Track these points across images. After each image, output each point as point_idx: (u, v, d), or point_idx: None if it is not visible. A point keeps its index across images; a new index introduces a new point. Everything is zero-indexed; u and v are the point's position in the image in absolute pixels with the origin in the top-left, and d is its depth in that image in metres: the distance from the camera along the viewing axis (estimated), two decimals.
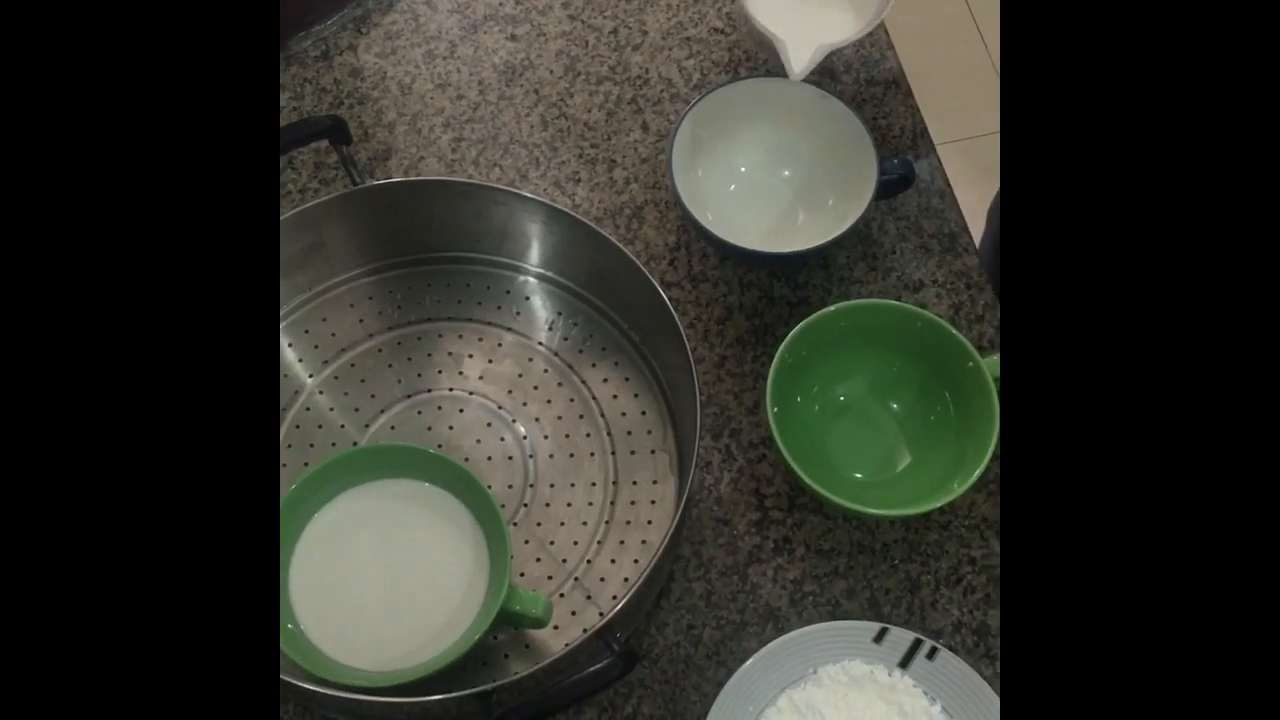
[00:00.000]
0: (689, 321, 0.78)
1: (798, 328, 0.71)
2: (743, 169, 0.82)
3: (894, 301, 0.73)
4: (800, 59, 0.77)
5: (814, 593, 0.70)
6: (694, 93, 0.85)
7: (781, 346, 0.70)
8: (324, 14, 0.87)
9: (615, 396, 0.75)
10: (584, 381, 0.76)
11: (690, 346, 0.67)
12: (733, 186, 0.81)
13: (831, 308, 0.72)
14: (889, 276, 0.80)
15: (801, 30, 0.78)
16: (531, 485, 0.73)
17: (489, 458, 0.73)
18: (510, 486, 0.72)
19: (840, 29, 0.80)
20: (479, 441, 0.74)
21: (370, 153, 0.83)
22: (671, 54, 0.88)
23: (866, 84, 0.87)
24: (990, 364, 0.69)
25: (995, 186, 1.03)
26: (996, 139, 1.00)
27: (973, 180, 1.27)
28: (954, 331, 0.71)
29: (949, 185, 0.83)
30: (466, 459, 0.73)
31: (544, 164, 0.84)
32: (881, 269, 0.80)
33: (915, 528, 0.72)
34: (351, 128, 0.83)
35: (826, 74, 0.87)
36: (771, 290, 0.80)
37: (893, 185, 0.78)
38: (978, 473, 0.67)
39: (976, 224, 0.93)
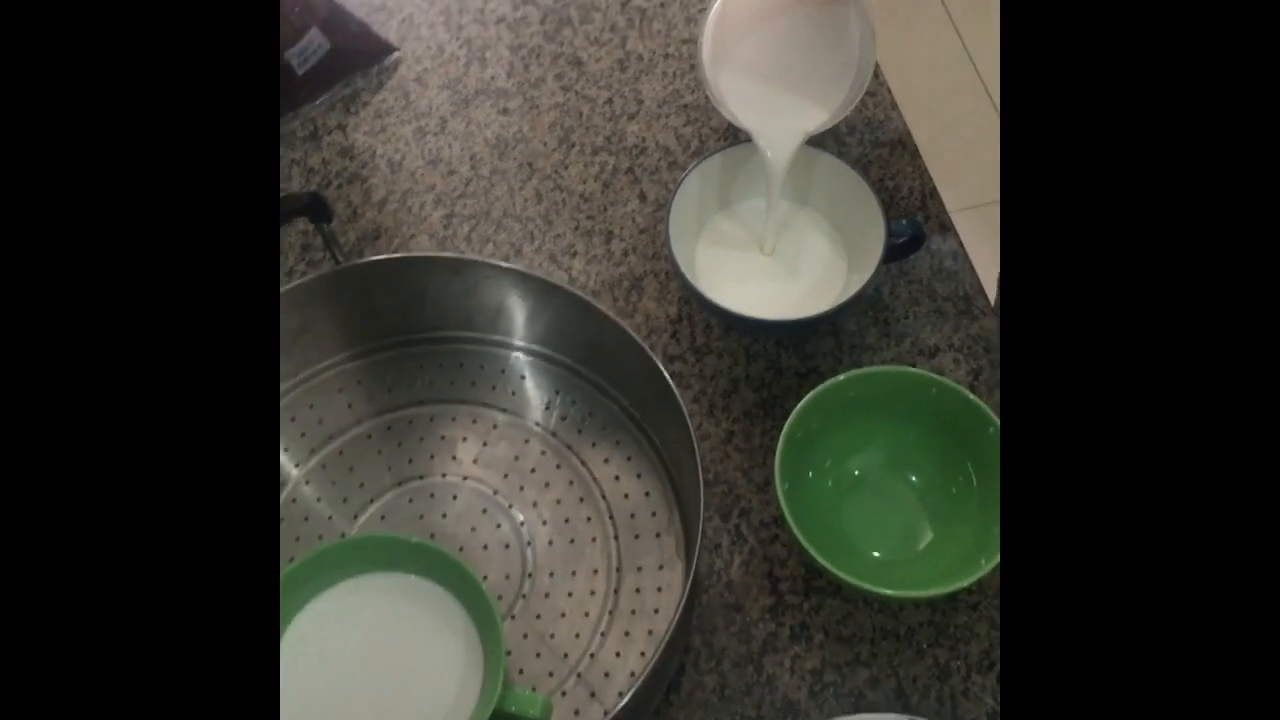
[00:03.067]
0: (693, 396, 0.75)
1: (805, 399, 0.67)
2: (744, 235, 0.78)
3: (907, 368, 0.69)
4: (778, 150, 0.73)
5: (835, 683, 0.65)
6: (692, 160, 0.83)
7: (789, 420, 0.66)
8: (313, 94, 0.85)
9: (617, 478, 0.71)
10: (584, 462, 0.72)
11: (695, 422, 0.63)
12: (735, 254, 0.78)
13: (841, 377, 0.68)
14: (902, 342, 0.76)
15: (774, 117, 0.75)
16: (530, 575, 0.68)
17: (484, 546, 0.69)
18: (507, 576, 0.68)
19: (814, 112, 0.75)
20: (474, 530, 0.69)
21: (359, 232, 0.81)
22: (668, 121, 0.85)
23: (872, 145, 0.84)
24: None
25: None
26: None
27: (987, 240, 1.23)
28: (972, 398, 0.67)
29: (962, 245, 0.80)
30: (461, 548, 0.69)
31: (539, 238, 0.81)
32: (894, 335, 0.76)
33: (942, 609, 0.67)
34: (340, 207, 0.81)
35: (829, 135, 0.84)
36: (779, 361, 0.76)
37: (902, 247, 0.75)
38: None
39: (993, 285, 0.89)
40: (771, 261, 0.77)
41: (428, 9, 0.91)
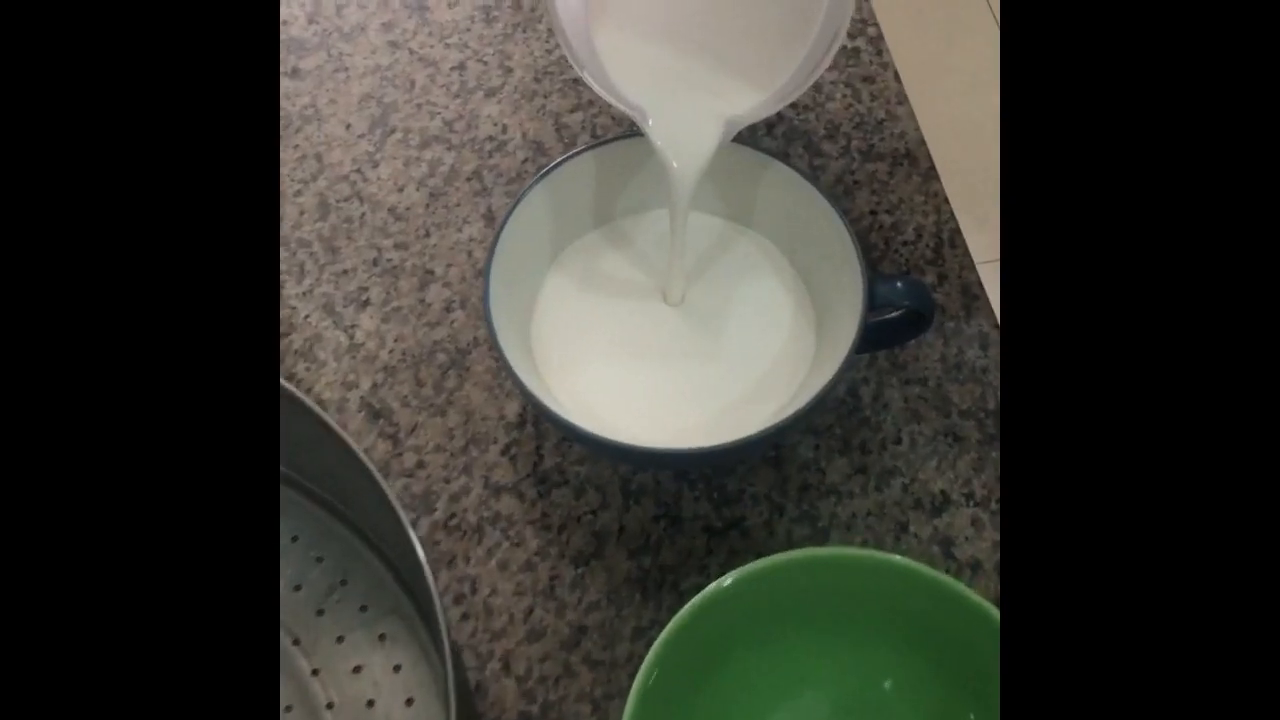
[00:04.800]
0: (524, 558, 0.44)
1: (687, 609, 0.36)
2: (635, 273, 0.48)
3: (882, 555, 0.38)
4: (684, 148, 0.43)
5: None
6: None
7: (647, 659, 0.35)
8: None
9: (370, 703, 0.40)
10: (315, 672, 0.41)
11: (522, 607, 0.32)
12: (615, 308, 0.47)
13: (760, 564, 0.37)
14: (888, 485, 0.45)
15: (682, 96, 0.44)
16: None
17: None
18: None
19: (744, 90, 0.44)
20: None
21: None
22: (546, 103, 0.54)
23: (862, 156, 0.53)
24: None
25: None
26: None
27: None
28: (993, 612, 0.36)
29: (997, 325, 0.49)
30: None
31: (313, 273, 0.50)
32: (876, 470, 0.46)
33: None
34: None
35: (792, 138, 0.53)
36: (679, 502, 0.45)
37: (895, 327, 0.44)
38: None
39: None
40: (679, 321, 0.46)
41: None
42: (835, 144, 0.53)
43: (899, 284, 0.43)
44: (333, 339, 0.48)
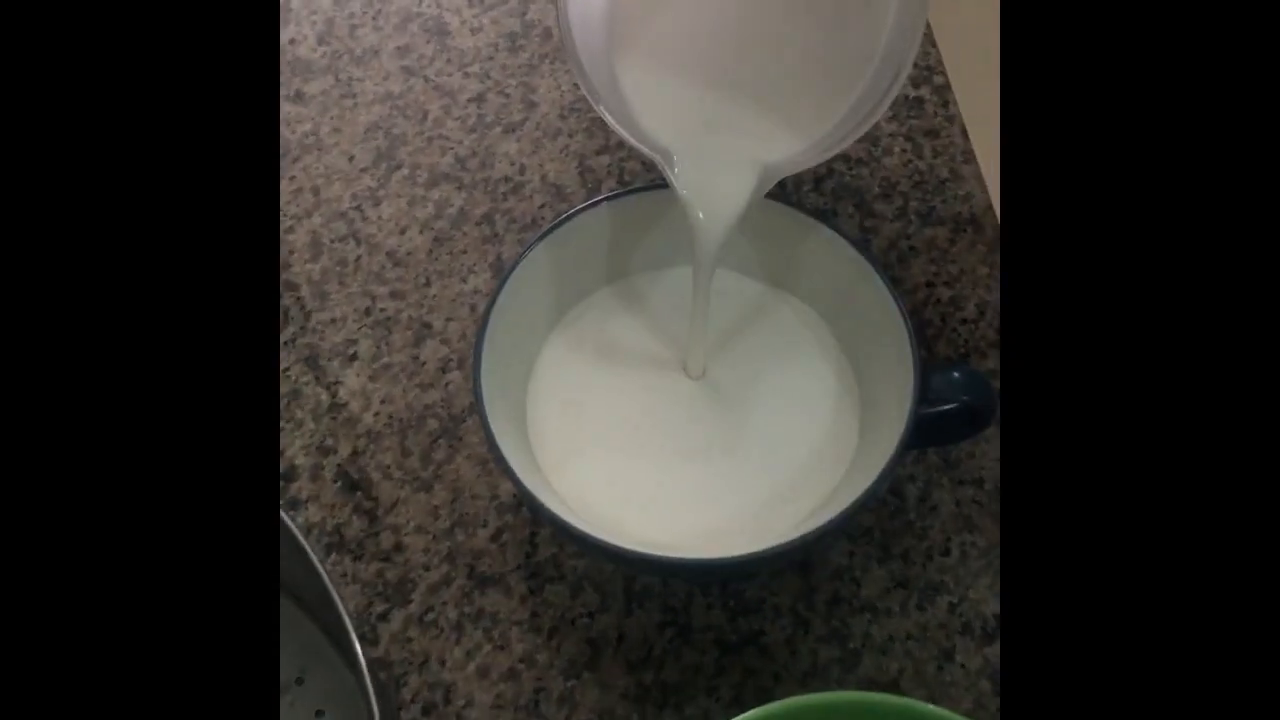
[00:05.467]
0: (508, 665, 0.38)
1: None
2: (651, 340, 0.42)
3: (921, 707, 0.32)
4: (713, 201, 0.37)
5: None
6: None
7: None
8: None
9: None
10: None
11: None
12: (626, 380, 0.41)
13: (792, 702, 0.31)
14: (933, 604, 0.39)
15: (711, 140, 0.38)
16: None
17: None
18: None
19: (784, 136, 0.38)
20: None
21: None
22: (570, 142, 0.49)
23: (920, 219, 0.47)
24: None
25: None
26: None
27: None
28: None
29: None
30: None
31: (298, 319, 0.45)
32: (919, 586, 0.39)
33: None
34: None
35: (841, 195, 0.47)
36: (689, 609, 0.39)
37: (949, 422, 0.38)
38: None
39: None
40: (698, 398, 0.41)
41: None
42: (890, 204, 0.47)
43: (955, 374, 0.37)
44: (312, 396, 0.43)
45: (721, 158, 0.37)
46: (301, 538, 0.32)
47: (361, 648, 0.32)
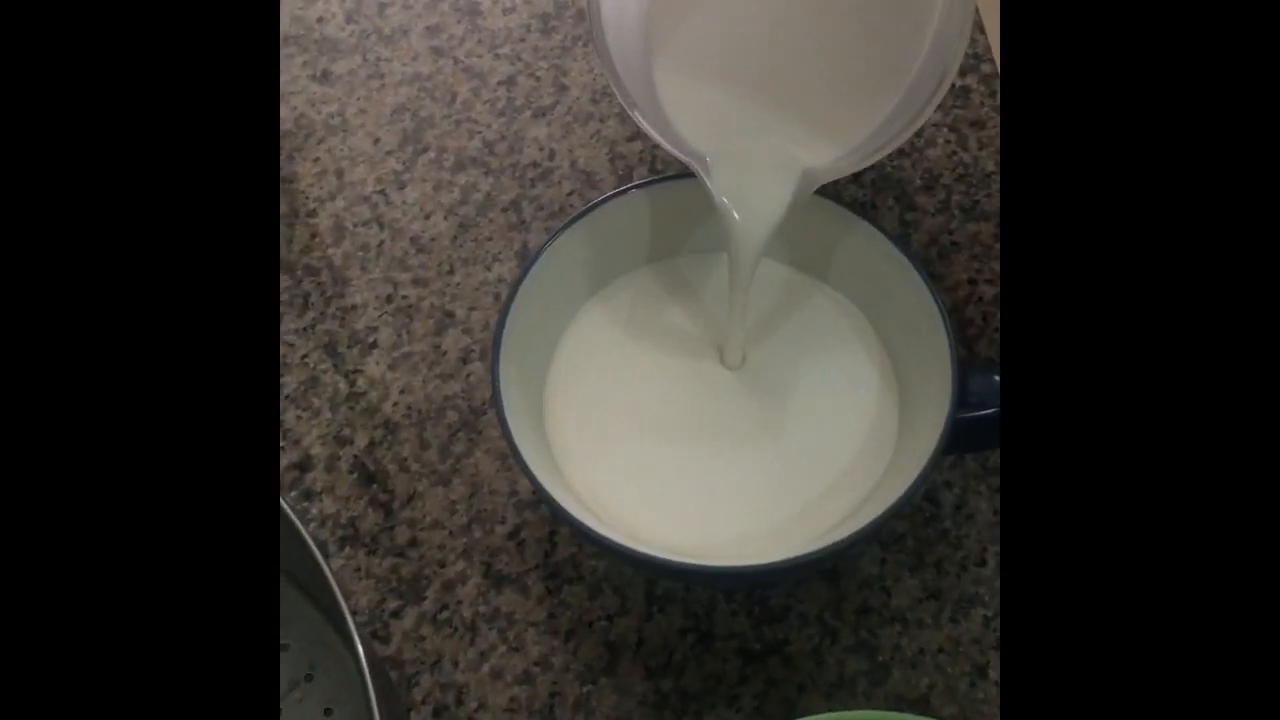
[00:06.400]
0: (523, 668, 0.37)
1: None
2: (688, 325, 0.40)
3: None
4: (751, 206, 0.36)
5: None
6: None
7: None
8: None
9: None
10: None
11: None
12: (659, 369, 0.40)
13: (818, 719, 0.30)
14: (967, 617, 0.37)
15: (750, 143, 0.36)
16: None
17: None
18: None
19: (823, 142, 0.36)
20: None
21: None
22: (601, 128, 0.48)
23: (963, 214, 0.45)
24: None
25: None
26: None
27: None
28: None
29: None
30: None
31: (317, 305, 0.44)
32: (953, 597, 0.38)
33: None
34: None
35: (882, 187, 0.46)
36: (712, 615, 0.38)
37: (988, 428, 0.36)
38: None
39: None
40: (736, 389, 0.39)
41: None
42: (933, 197, 0.45)
43: (996, 378, 0.35)
44: (330, 384, 0.42)
45: (761, 162, 0.35)
46: (304, 530, 0.31)
47: (372, 645, 0.31)
